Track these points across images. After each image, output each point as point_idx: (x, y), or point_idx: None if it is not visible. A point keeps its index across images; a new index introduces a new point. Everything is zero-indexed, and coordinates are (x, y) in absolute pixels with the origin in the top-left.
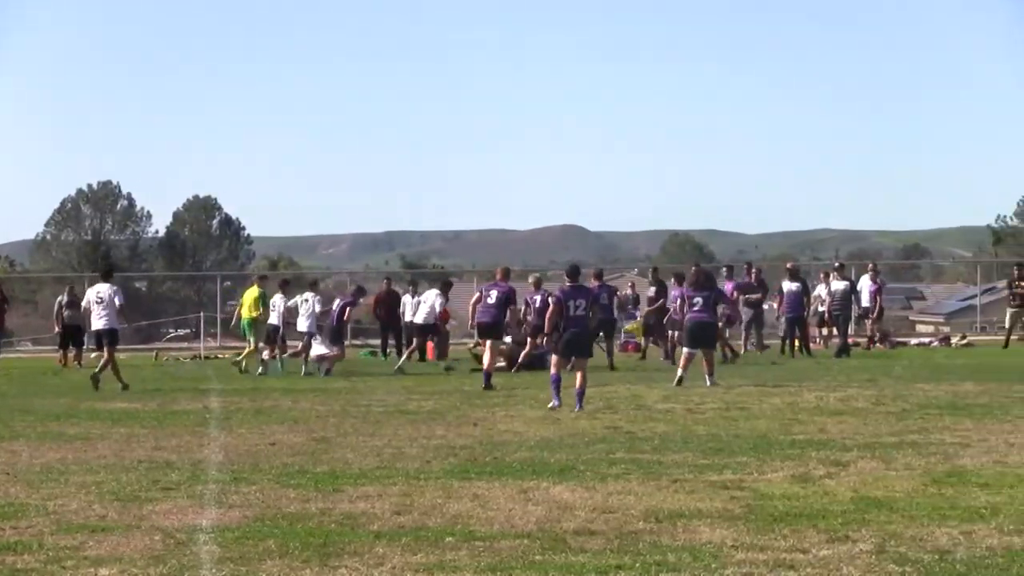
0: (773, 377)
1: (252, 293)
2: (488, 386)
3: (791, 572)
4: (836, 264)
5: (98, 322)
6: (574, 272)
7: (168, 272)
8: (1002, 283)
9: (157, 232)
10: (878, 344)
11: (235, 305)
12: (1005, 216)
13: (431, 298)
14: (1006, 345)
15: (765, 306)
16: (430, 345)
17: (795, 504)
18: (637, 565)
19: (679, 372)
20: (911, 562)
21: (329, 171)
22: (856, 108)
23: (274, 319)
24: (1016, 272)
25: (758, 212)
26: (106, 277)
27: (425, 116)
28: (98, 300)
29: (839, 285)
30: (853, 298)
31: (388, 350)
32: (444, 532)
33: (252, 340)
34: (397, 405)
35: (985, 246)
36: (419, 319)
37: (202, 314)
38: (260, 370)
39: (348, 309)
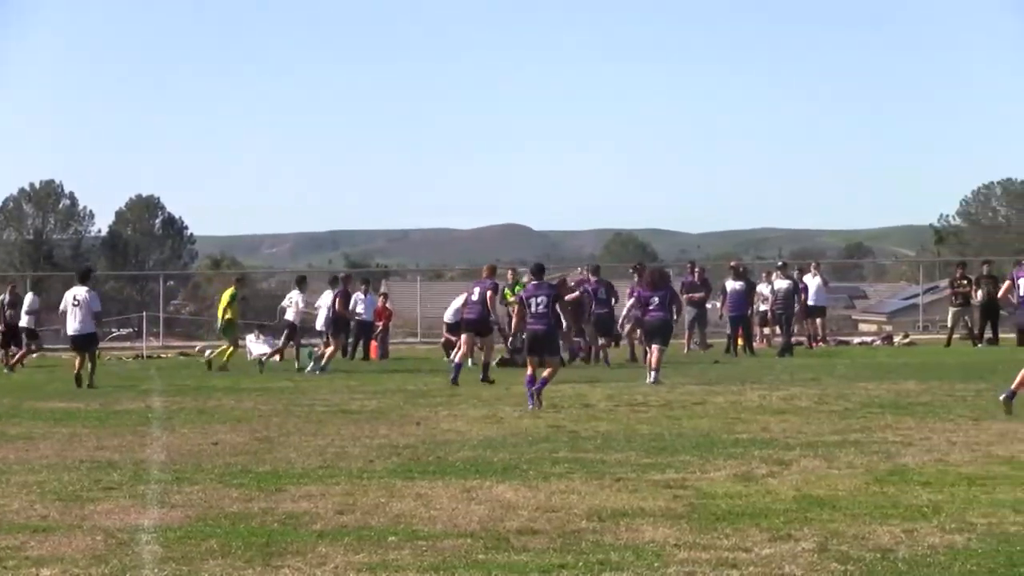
0: (716, 376)
1: (228, 294)
2: (462, 379)
3: (733, 571)
4: (779, 263)
5: (75, 325)
6: (538, 270)
7: (111, 271)
8: (944, 282)
9: (100, 231)
10: (820, 343)
11: (179, 304)
12: (948, 215)
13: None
14: (948, 344)
15: (708, 305)
16: (374, 344)
17: (738, 503)
18: (580, 564)
19: (651, 372)
20: (853, 560)
21: (272, 170)
22: (798, 108)
23: (291, 316)
24: (958, 271)
25: (701, 212)
26: (83, 280)
27: (369, 115)
28: (75, 303)
29: (782, 284)
30: (796, 297)
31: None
32: (387, 531)
33: (227, 340)
34: (340, 404)
35: (928, 245)
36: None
37: (144, 314)
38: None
39: (339, 300)
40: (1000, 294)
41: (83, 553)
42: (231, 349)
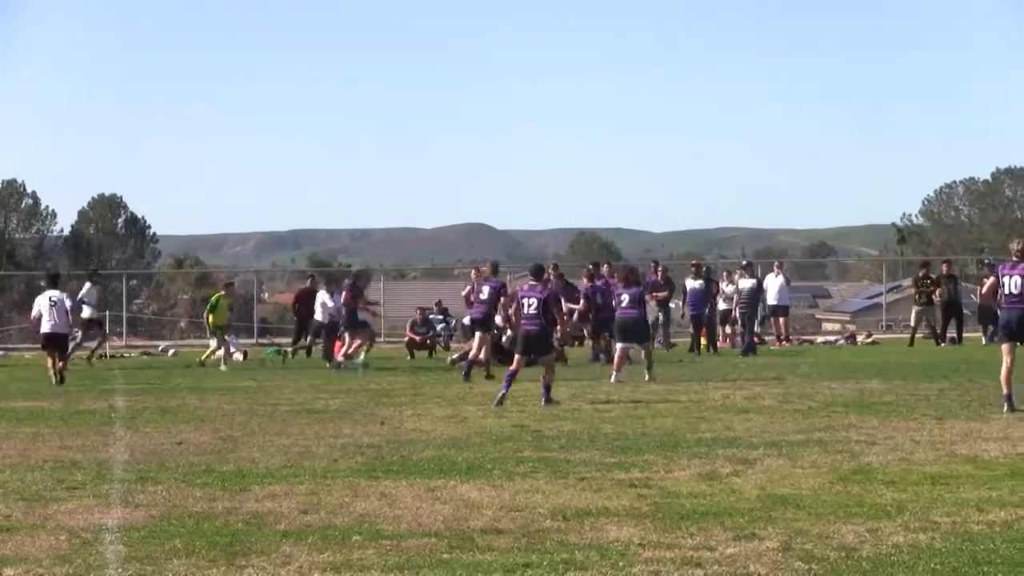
0: (680, 375)
1: (217, 300)
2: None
3: (698, 570)
4: (743, 262)
5: (51, 324)
6: (536, 271)
7: (73, 271)
8: (908, 281)
9: (62, 231)
10: (784, 342)
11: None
12: (910, 215)
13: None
14: (911, 343)
15: (672, 304)
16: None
17: (702, 502)
18: (544, 563)
19: (613, 372)
20: (817, 559)
21: (235, 169)
22: (762, 108)
23: (319, 315)
24: (921, 271)
25: (665, 211)
26: (53, 284)
27: (331, 115)
28: (52, 303)
29: (746, 283)
30: (761, 297)
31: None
32: (351, 531)
33: (216, 341)
34: (304, 404)
35: (891, 245)
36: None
37: (107, 313)
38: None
39: (349, 295)
40: (984, 290)
41: (47, 553)
42: (215, 349)
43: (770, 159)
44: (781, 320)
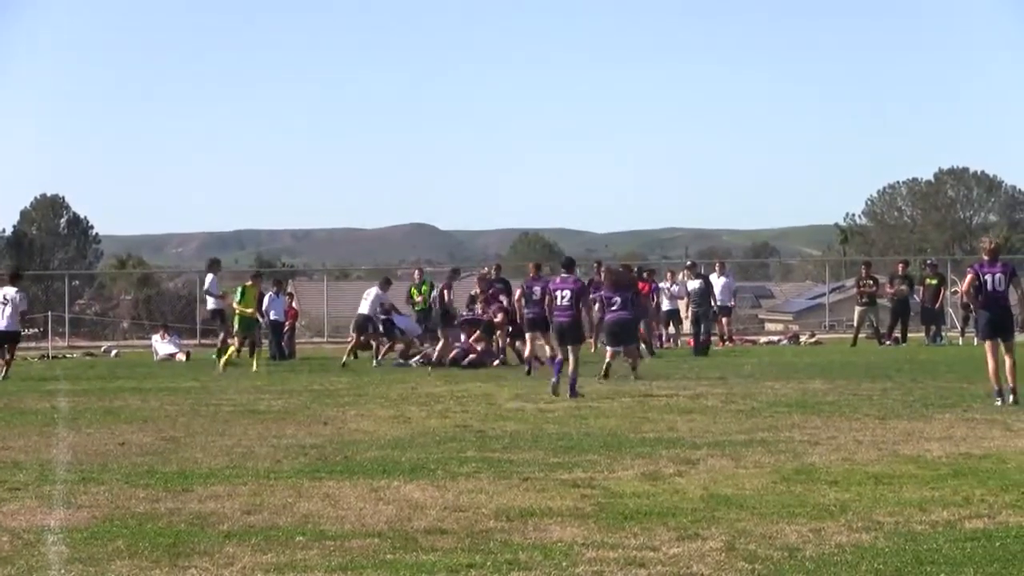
0: (623, 375)
1: (245, 290)
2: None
3: (641, 570)
4: (688, 263)
5: (3, 322)
6: (569, 264)
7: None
8: (850, 281)
9: (4, 231)
10: (727, 342)
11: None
12: (853, 215)
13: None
14: (854, 343)
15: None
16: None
17: (645, 502)
18: (488, 564)
19: (604, 368)
20: (761, 559)
21: (177, 169)
22: (703, 108)
23: (366, 309)
24: (863, 270)
25: (607, 211)
26: (14, 280)
27: (273, 115)
28: (3, 302)
29: (695, 284)
30: (711, 296)
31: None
32: (294, 531)
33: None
34: (247, 404)
35: (833, 245)
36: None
37: (50, 313)
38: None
39: (446, 291)
40: (963, 287)
41: None
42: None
43: (713, 159)
44: (724, 320)
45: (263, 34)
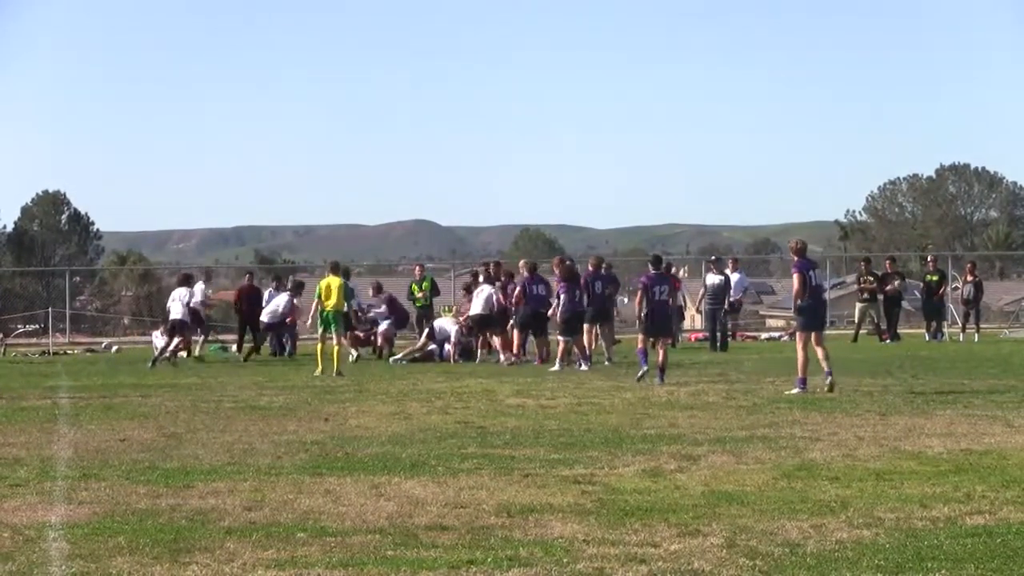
0: (625, 372)
1: (330, 284)
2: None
3: (642, 566)
4: (712, 257)
5: None
6: (657, 261)
7: (16, 267)
8: (851, 277)
9: (5, 227)
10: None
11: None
12: (854, 211)
13: (281, 301)
14: (855, 339)
15: (618, 300)
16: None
17: (646, 498)
18: (489, 560)
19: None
20: (762, 555)
21: (178, 165)
22: (704, 104)
23: (265, 315)
24: (864, 266)
25: (608, 207)
26: None
27: (275, 112)
28: None
29: (715, 279)
30: (728, 293)
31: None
32: (295, 528)
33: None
34: (248, 401)
35: (834, 241)
36: (265, 318)
37: (50, 310)
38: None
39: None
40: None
41: None
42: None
43: (714, 156)
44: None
45: (265, 31)
